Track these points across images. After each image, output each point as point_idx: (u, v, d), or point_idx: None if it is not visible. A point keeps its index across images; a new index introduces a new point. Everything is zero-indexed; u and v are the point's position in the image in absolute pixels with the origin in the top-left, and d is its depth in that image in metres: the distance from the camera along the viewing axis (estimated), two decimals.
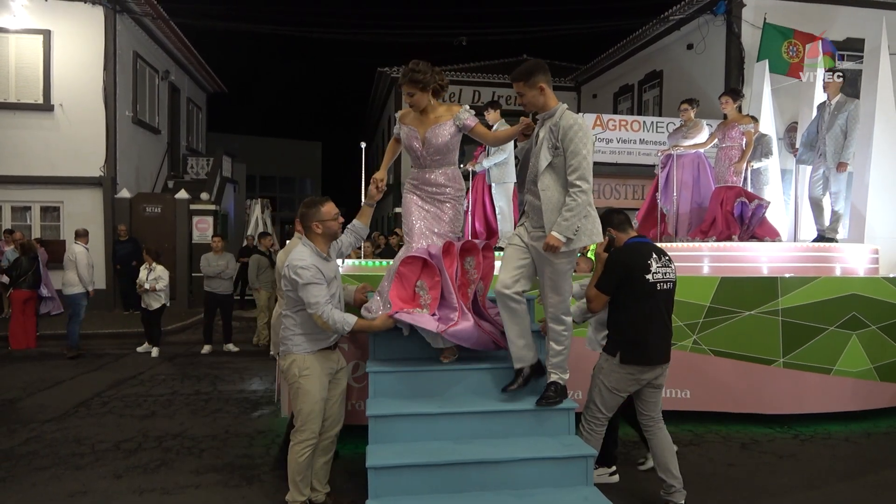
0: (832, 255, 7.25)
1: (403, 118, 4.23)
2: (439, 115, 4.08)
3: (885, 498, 4.32)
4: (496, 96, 19.97)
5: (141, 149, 15.19)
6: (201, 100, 20.95)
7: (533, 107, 3.78)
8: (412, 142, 4.13)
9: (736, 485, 4.51)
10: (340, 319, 3.67)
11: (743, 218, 7.45)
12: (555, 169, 3.67)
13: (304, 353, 3.74)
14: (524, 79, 3.73)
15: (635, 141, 12.86)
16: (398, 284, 3.98)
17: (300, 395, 3.74)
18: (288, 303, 3.79)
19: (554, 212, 3.63)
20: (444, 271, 3.91)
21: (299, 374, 3.73)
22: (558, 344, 3.86)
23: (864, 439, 5.56)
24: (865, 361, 6.00)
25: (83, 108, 13.28)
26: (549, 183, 3.68)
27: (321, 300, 3.61)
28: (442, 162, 4.14)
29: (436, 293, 3.95)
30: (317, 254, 3.75)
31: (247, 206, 19.00)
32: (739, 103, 7.92)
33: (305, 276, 3.60)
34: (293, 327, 3.77)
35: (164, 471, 4.69)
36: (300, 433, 3.75)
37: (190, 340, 10.54)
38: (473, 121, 4.10)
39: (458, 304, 3.87)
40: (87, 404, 6.53)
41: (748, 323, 5.83)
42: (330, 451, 3.98)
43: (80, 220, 12.80)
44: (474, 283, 4.10)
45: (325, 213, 3.76)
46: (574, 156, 3.57)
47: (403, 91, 4.03)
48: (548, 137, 3.67)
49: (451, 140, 4.07)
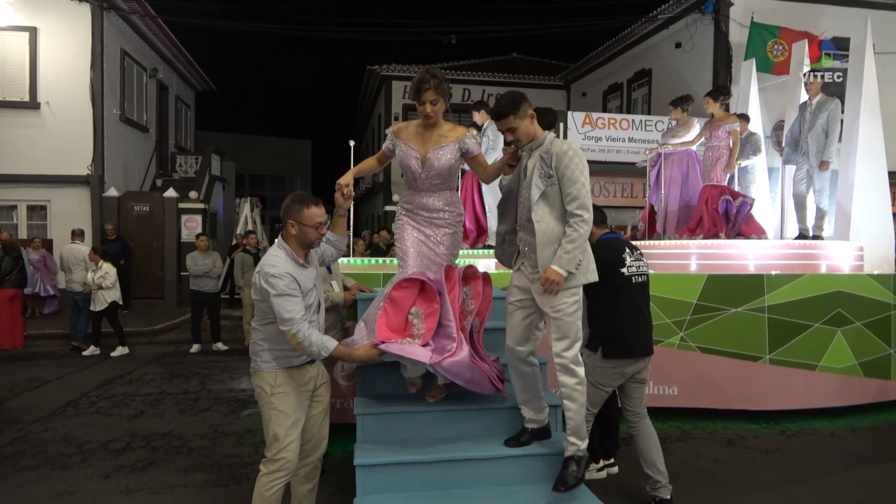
0: (818, 252, 7.32)
1: (399, 133, 3.77)
2: (444, 134, 3.67)
3: (869, 492, 4.37)
4: (486, 95, 20.00)
5: (129, 147, 15.09)
6: (190, 98, 20.83)
7: (525, 139, 3.44)
8: (409, 161, 3.70)
9: (722, 479, 4.55)
10: (318, 342, 3.12)
11: (728, 216, 7.50)
12: (548, 199, 3.35)
13: (276, 370, 3.22)
14: (513, 111, 3.37)
15: (624, 139, 12.93)
16: (389, 312, 3.51)
17: (272, 417, 3.20)
18: (257, 313, 3.29)
19: (548, 246, 3.30)
20: (445, 295, 3.49)
21: (270, 393, 3.20)
22: (573, 401, 3.38)
23: (849, 434, 5.62)
24: (850, 357, 6.07)
25: (70, 106, 13.18)
26: (543, 214, 3.34)
27: (296, 316, 3.07)
28: (441, 186, 3.75)
29: (432, 322, 3.49)
30: (292, 259, 3.21)
31: (236, 205, 18.93)
32: (725, 103, 7.97)
33: (278, 286, 3.08)
34: (262, 341, 3.25)
35: (151, 470, 4.68)
36: (272, 463, 3.20)
37: (178, 339, 10.49)
38: (478, 149, 3.76)
39: (457, 333, 3.44)
40: (75, 404, 6.49)
41: (735, 320, 5.88)
42: (314, 478, 3.51)
43: (67, 220, 12.72)
44: (471, 315, 3.68)
45: (308, 217, 3.18)
46: (572, 183, 3.27)
47: (424, 99, 3.55)
48: (539, 166, 3.36)
49: (453, 164, 3.69)
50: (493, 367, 3.70)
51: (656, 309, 5.36)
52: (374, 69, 21.06)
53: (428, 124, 3.63)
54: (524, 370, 3.54)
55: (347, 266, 6.37)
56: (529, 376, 3.55)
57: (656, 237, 8.22)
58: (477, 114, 7.70)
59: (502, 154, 7.51)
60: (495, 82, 21.01)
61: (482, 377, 3.53)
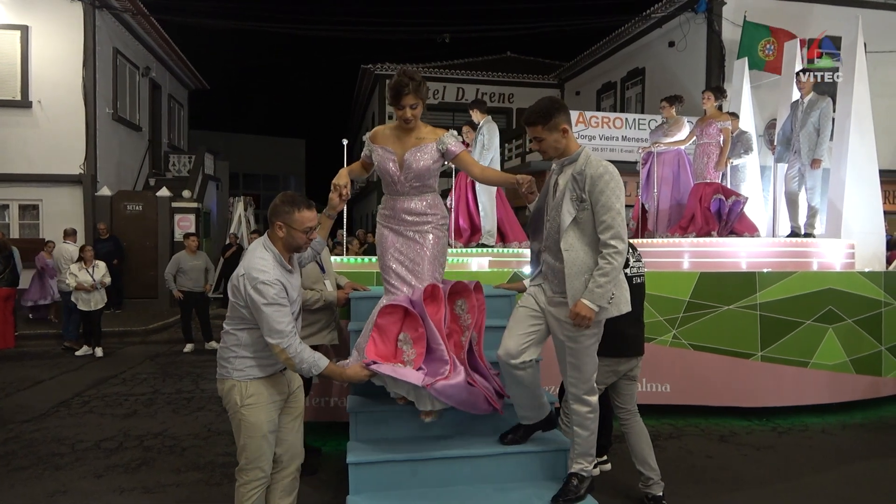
0: (809, 250, 7.37)
1: (375, 138, 3.64)
2: (422, 136, 3.53)
3: (859, 488, 4.40)
4: (480, 94, 20.02)
5: (121, 146, 15.05)
6: (183, 97, 20.78)
7: (553, 152, 3.21)
8: (387, 164, 3.55)
9: (714, 476, 4.58)
10: (310, 360, 2.93)
11: (720, 214, 7.54)
12: (579, 225, 3.11)
13: (247, 380, 3.00)
14: (543, 121, 3.13)
15: (618, 138, 12.98)
16: (377, 339, 3.37)
17: (243, 427, 3.00)
18: (232, 317, 3.02)
19: (578, 276, 3.09)
20: (428, 320, 3.32)
21: (241, 403, 2.98)
22: (584, 429, 3.33)
23: (840, 431, 5.65)
24: (841, 354, 6.11)
25: (62, 105, 13.13)
26: (574, 241, 3.12)
27: (287, 328, 2.87)
28: (421, 189, 3.59)
29: (421, 347, 3.35)
30: (280, 263, 2.98)
31: (230, 204, 18.89)
32: (721, 102, 8.01)
33: (268, 294, 2.83)
34: (237, 348, 3.00)
35: (144, 470, 4.66)
36: (245, 472, 3.04)
37: (172, 339, 10.46)
38: (459, 147, 3.55)
39: (448, 356, 3.29)
40: (67, 404, 6.47)
41: (727, 317, 5.91)
42: (294, 490, 3.28)
43: (59, 219, 12.68)
44: (469, 330, 3.53)
45: (298, 220, 2.96)
46: (606, 210, 3.03)
47: (404, 104, 3.41)
48: (571, 188, 3.11)
49: (432, 165, 3.54)
50: (492, 382, 3.55)
51: (649, 306, 5.37)
52: (368, 68, 21.07)
53: (406, 128, 3.50)
54: (519, 375, 3.33)
55: (341, 265, 6.37)
56: (527, 381, 3.35)
57: (648, 235, 8.25)
58: (473, 112, 7.72)
59: (497, 153, 7.63)
60: (489, 81, 21.05)
61: (478, 398, 3.38)
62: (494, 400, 3.44)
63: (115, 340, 10.07)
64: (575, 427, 3.36)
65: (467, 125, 7.95)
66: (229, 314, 3.05)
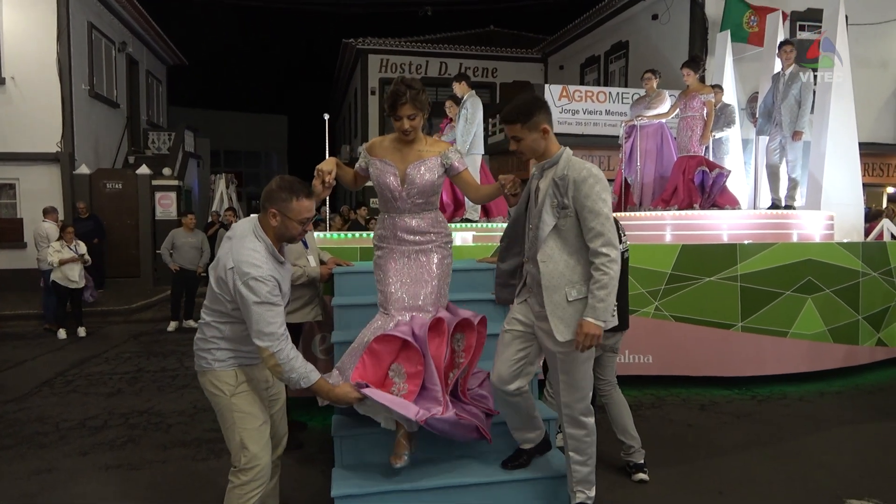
0: (789, 221, 7.45)
1: (373, 150, 3.39)
2: (423, 148, 3.30)
3: (834, 452, 4.51)
4: (463, 68, 19.83)
5: (99, 123, 14.77)
6: (161, 73, 20.39)
7: (531, 154, 3.01)
8: (387, 178, 3.28)
9: (695, 443, 4.67)
10: (301, 371, 2.68)
11: (704, 186, 7.59)
12: (560, 233, 2.90)
13: (234, 368, 2.81)
14: (522, 118, 2.92)
15: (601, 112, 12.94)
16: (367, 363, 3.09)
17: (237, 421, 2.78)
18: (213, 308, 2.77)
19: (557, 290, 2.89)
20: (430, 359, 3.08)
21: (231, 393, 2.77)
22: (581, 454, 3.14)
23: (818, 398, 5.78)
24: (820, 324, 6.22)
25: (37, 82, 12.82)
26: (553, 252, 2.91)
27: (278, 330, 2.62)
28: (424, 206, 3.34)
29: (415, 384, 3.08)
30: (272, 255, 2.73)
31: (211, 182, 18.68)
32: (701, 73, 8.01)
33: (261, 292, 2.59)
34: (218, 339, 2.77)
35: (130, 447, 4.66)
36: (244, 473, 2.79)
37: (155, 318, 10.41)
38: (462, 164, 3.35)
39: (442, 396, 3.07)
40: (51, 384, 6.43)
41: (708, 289, 5.98)
42: (276, 473, 3.13)
43: (37, 198, 12.46)
44: (459, 369, 3.30)
45: (295, 210, 2.70)
46: (595, 216, 2.82)
47: (401, 114, 3.17)
48: (552, 194, 2.90)
49: (436, 180, 3.29)
50: (480, 406, 3.35)
51: (631, 279, 5.42)
52: (349, 42, 20.77)
53: (406, 140, 3.27)
54: (515, 401, 3.16)
55: (324, 240, 6.34)
56: (522, 406, 3.19)
57: (631, 209, 8.29)
58: (457, 85, 7.64)
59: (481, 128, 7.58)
60: (472, 55, 20.86)
61: (468, 430, 3.19)
62: (485, 429, 3.24)
63: (97, 320, 9.99)
64: (571, 452, 3.15)
65: (450, 100, 7.89)
66: (210, 305, 2.78)
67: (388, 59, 20.55)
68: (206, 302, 2.81)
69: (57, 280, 8.69)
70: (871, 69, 13.15)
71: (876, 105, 13.54)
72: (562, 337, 2.88)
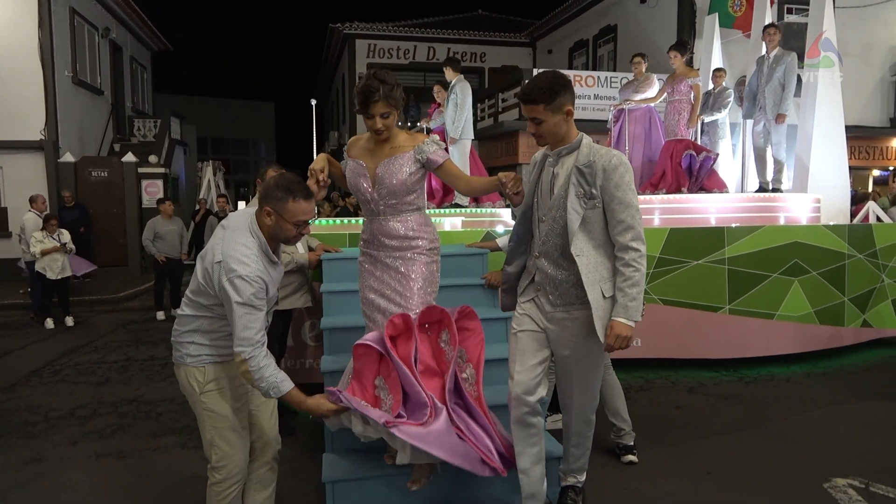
0: (776, 204, 7.50)
1: (350, 149, 3.15)
2: (397, 145, 3.00)
3: (820, 431, 4.57)
4: (451, 53, 19.74)
5: (83, 110, 14.58)
6: (146, 59, 20.14)
7: (551, 139, 2.75)
8: (359, 181, 3.05)
9: (683, 425, 4.72)
10: (272, 381, 2.52)
11: (691, 170, 7.61)
12: (587, 226, 2.69)
13: (205, 365, 2.67)
14: (546, 98, 2.65)
15: (590, 96, 12.93)
16: (356, 387, 2.88)
17: (206, 419, 2.68)
18: (195, 302, 2.64)
19: (595, 285, 2.68)
20: (396, 360, 2.79)
21: (199, 391, 2.66)
22: (581, 446, 3.10)
23: (804, 379, 5.84)
24: (806, 306, 6.27)
25: (18, 69, 12.62)
26: (584, 245, 2.69)
27: (255, 335, 2.48)
28: (399, 207, 3.03)
29: (397, 393, 2.83)
30: (265, 253, 2.60)
31: (198, 169, 18.53)
32: (688, 57, 8.01)
33: (245, 292, 2.46)
34: (193, 334, 2.66)
35: (120, 435, 4.65)
36: (217, 471, 2.70)
37: (143, 307, 10.35)
38: (441, 156, 3.01)
39: (426, 397, 2.75)
40: (39, 373, 6.40)
41: (696, 272, 6.02)
42: (271, 483, 2.95)
43: (21, 187, 12.32)
44: (450, 362, 2.93)
45: (290, 211, 2.56)
46: (625, 207, 2.64)
47: (373, 112, 2.89)
48: (577, 182, 2.67)
49: (408, 178, 2.97)
50: (496, 440, 2.92)
51: None
52: (336, 27, 20.59)
53: (380, 139, 2.99)
54: (533, 422, 2.88)
55: (313, 227, 6.31)
56: (538, 430, 2.91)
57: None
58: (446, 70, 7.61)
59: (470, 113, 7.55)
60: (461, 40, 20.73)
61: (468, 452, 2.77)
62: (493, 459, 2.82)
63: (84, 309, 9.93)
64: (571, 448, 3.11)
65: (438, 85, 7.85)
66: (192, 296, 2.65)
67: (376, 43, 20.40)
68: (188, 291, 2.68)
69: (41, 270, 8.61)
70: (859, 52, 13.20)
71: (863, 88, 13.60)
72: (602, 337, 2.70)
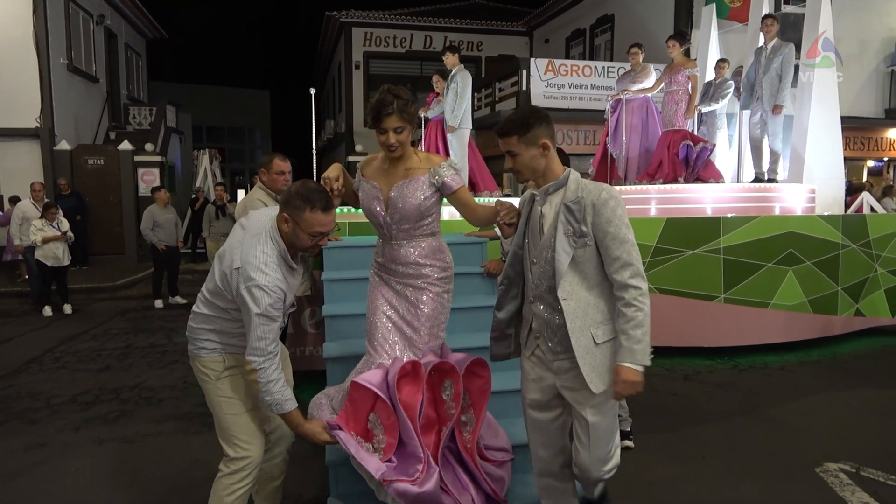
0: (772, 195, 7.56)
1: (364, 169, 2.96)
2: (412, 166, 2.82)
3: (811, 418, 4.66)
4: (448, 42, 19.66)
5: (78, 98, 14.52)
6: (140, 46, 20.03)
7: (529, 173, 2.57)
8: (372, 203, 2.86)
9: (678, 412, 4.79)
10: (278, 397, 2.51)
11: (688, 160, 7.66)
12: (577, 266, 2.50)
13: (223, 354, 2.69)
14: (519, 131, 2.51)
15: (587, 86, 12.94)
16: (349, 412, 2.76)
17: (222, 406, 2.68)
18: (209, 300, 2.63)
19: (583, 331, 2.48)
20: (400, 409, 2.70)
21: (216, 378, 2.68)
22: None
23: (798, 367, 5.93)
24: (800, 295, 6.35)
25: (13, 56, 12.57)
26: (573, 287, 2.50)
27: (269, 347, 2.47)
28: (413, 232, 2.86)
29: (393, 437, 2.72)
30: (284, 259, 2.55)
31: (194, 157, 18.47)
32: (686, 47, 8.03)
33: (263, 303, 2.42)
34: (208, 332, 2.67)
35: (123, 421, 4.70)
36: (232, 463, 2.67)
37: (141, 294, 10.37)
38: (457, 181, 2.84)
39: (422, 452, 2.67)
40: (39, 360, 6.43)
41: (692, 261, 6.08)
42: (281, 475, 2.97)
43: (17, 175, 12.31)
44: (451, 421, 2.81)
45: (307, 221, 2.47)
46: (619, 243, 2.44)
47: (386, 126, 2.71)
48: (565, 220, 2.49)
49: (423, 203, 2.80)
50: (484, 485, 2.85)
51: None
52: (332, 15, 20.47)
53: (393, 157, 2.81)
54: (558, 486, 2.73)
55: None
56: (568, 493, 2.77)
57: (616, 183, 8.36)
58: (449, 57, 7.59)
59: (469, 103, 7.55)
60: (458, 29, 20.66)
61: None
62: None
63: (82, 297, 9.95)
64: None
65: (437, 74, 7.86)
66: (209, 296, 2.63)
67: (373, 32, 20.31)
68: (204, 289, 2.66)
69: (41, 259, 8.62)
70: (854, 43, 13.24)
71: (858, 79, 13.66)
72: (596, 388, 2.48)
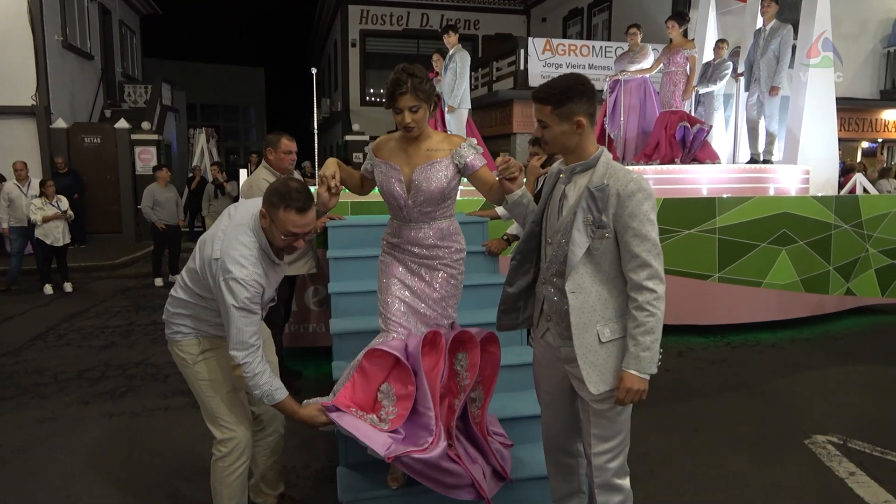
0: (767, 175, 7.65)
1: (379, 150, 2.90)
2: (433, 147, 2.78)
3: (804, 393, 4.80)
4: (445, 20, 19.54)
5: (73, 76, 14.42)
6: (134, 23, 19.84)
7: (558, 148, 2.35)
8: (392, 185, 2.81)
9: (672, 387, 4.93)
10: (266, 388, 2.48)
11: (685, 141, 7.73)
12: (592, 257, 2.29)
13: (199, 337, 2.69)
14: (553, 101, 2.27)
15: (584, 66, 12.93)
16: (357, 384, 2.73)
17: (203, 390, 2.68)
18: (188, 285, 2.62)
19: (587, 328, 2.29)
20: (423, 378, 2.68)
21: (193, 362, 2.67)
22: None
23: (789, 345, 6.07)
24: (793, 274, 6.48)
25: (8, 33, 12.44)
26: (584, 280, 2.30)
27: (251, 339, 2.44)
28: (434, 214, 2.84)
29: (404, 408, 2.70)
30: (266, 253, 2.53)
31: (190, 136, 18.40)
32: (685, 28, 8.06)
33: (240, 296, 2.39)
34: (184, 318, 2.67)
35: (131, 396, 4.81)
36: (222, 445, 2.68)
37: (140, 273, 10.44)
38: (479, 161, 2.80)
39: (435, 425, 2.63)
40: (43, 337, 6.51)
41: (687, 241, 6.19)
42: (279, 450, 3.00)
43: (13, 153, 12.22)
44: (464, 392, 2.82)
45: (280, 220, 2.43)
46: (641, 241, 2.23)
47: (401, 106, 2.67)
48: (585, 207, 2.27)
49: (447, 185, 2.77)
50: (492, 459, 2.88)
51: None
52: None
53: (411, 137, 2.77)
54: (567, 462, 2.68)
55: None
56: (573, 468, 2.70)
57: None
58: (447, 37, 7.60)
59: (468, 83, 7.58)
60: (454, 7, 20.51)
61: (459, 480, 2.68)
62: (482, 485, 2.71)
63: (81, 276, 10.00)
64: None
65: (437, 53, 7.87)
66: (188, 281, 2.62)
67: (369, 9, 20.15)
68: (184, 273, 2.66)
69: (41, 237, 8.65)
70: (850, 25, 13.26)
71: (854, 61, 13.70)
72: (595, 389, 2.29)
